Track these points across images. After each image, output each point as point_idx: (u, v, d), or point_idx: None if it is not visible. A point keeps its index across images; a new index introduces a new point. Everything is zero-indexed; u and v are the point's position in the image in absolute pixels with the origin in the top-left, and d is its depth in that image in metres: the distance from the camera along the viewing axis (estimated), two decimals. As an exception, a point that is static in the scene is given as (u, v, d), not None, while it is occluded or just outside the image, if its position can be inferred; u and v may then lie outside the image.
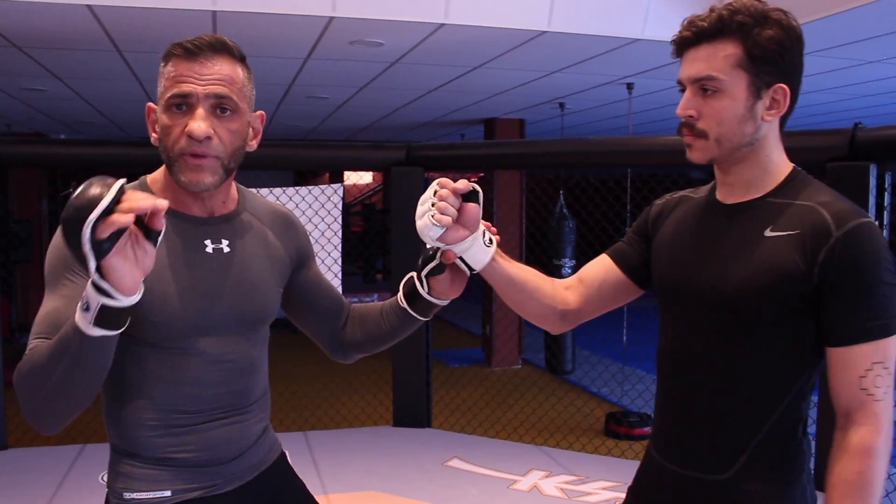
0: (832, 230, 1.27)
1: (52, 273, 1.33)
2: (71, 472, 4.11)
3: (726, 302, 1.35)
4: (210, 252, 1.42)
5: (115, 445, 1.43)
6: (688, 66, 1.38)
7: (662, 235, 1.53)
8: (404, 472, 4.03)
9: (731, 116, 1.34)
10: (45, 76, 5.57)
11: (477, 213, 1.46)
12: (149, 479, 1.39)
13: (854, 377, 1.27)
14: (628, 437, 5.12)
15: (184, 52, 1.33)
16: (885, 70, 5.26)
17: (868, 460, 1.26)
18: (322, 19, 4.03)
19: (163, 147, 1.36)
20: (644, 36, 4.32)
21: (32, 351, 1.25)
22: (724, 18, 1.32)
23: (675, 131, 1.43)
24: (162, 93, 1.36)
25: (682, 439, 1.44)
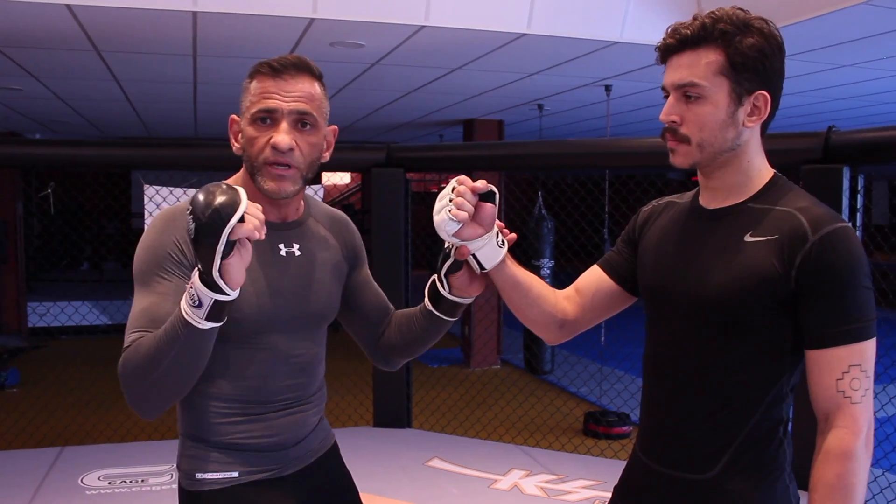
0: (809, 235, 1.30)
1: (143, 272, 1.43)
2: (50, 475, 4.07)
3: (707, 306, 1.38)
4: (283, 255, 1.55)
5: (188, 431, 1.54)
6: (671, 72, 1.40)
7: (647, 241, 1.56)
8: (385, 472, 4.04)
9: (713, 122, 1.37)
10: (22, 75, 5.51)
11: (493, 212, 1.50)
12: (219, 462, 1.51)
13: (831, 380, 1.30)
14: (607, 436, 5.16)
15: (270, 70, 1.46)
16: (859, 74, 5.35)
17: (847, 463, 1.28)
18: (303, 20, 4.03)
19: (247, 156, 1.49)
20: (622, 39, 4.36)
21: (136, 344, 1.36)
22: (707, 26, 1.35)
23: (659, 135, 1.45)
24: (248, 107, 1.48)
25: (666, 440, 1.47)
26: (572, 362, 7.05)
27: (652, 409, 1.52)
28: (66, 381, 6.35)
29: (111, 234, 12.56)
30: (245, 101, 1.49)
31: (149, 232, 1.47)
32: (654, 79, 5.48)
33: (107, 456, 4.39)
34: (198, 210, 1.24)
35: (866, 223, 3.65)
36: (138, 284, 1.44)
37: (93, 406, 5.77)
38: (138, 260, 1.45)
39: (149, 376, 1.34)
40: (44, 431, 4.92)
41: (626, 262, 1.62)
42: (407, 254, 4.85)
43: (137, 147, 5.40)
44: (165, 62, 5.07)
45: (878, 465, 3.92)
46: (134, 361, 1.34)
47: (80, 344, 8.70)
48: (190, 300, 1.29)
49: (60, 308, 7.71)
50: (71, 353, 8.13)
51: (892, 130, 3.48)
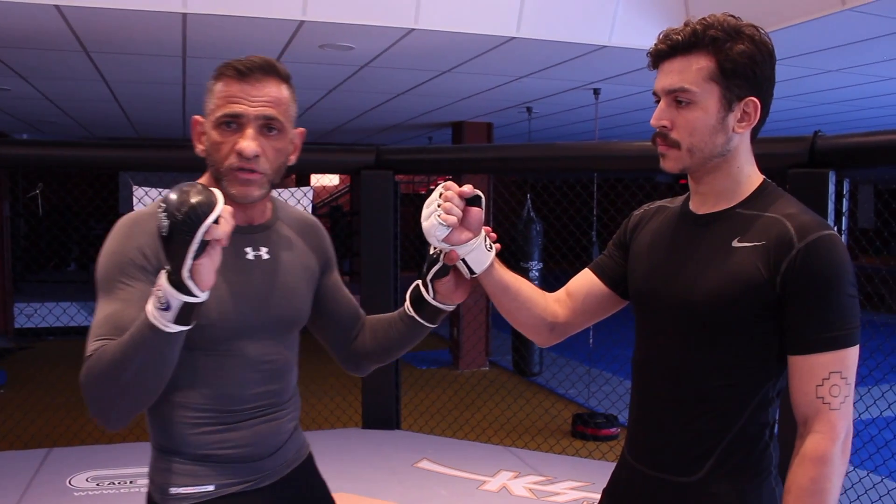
0: (794, 242, 1.32)
1: (106, 279, 1.39)
2: (37, 476, 4.06)
3: (694, 311, 1.40)
4: (251, 259, 1.51)
5: (159, 444, 1.49)
6: (662, 77, 1.41)
7: (638, 245, 1.58)
8: (374, 473, 4.05)
9: (703, 128, 1.38)
10: (9, 75, 5.49)
11: (480, 216, 1.52)
12: (193, 475, 1.46)
13: (811, 385, 1.32)
14: (595, 437, 5.18)
15: (236, 73, 1.41)
16: (844, 79, 5.40)
17: (821, 467, 1.29)
18: (292, 23, 4.04)
19: (212, 161, 1.46)
20: (611, 43, 4.39)
21: (100, 352, 1.31)
22: (698, 32, 1.36)
23: (647, 139, 1.47)
24: (213, 110, 1.44)
25: (653, 443, 1.48)
26: (560, 364, 7.07)
27: (639, 411, 1.54)
28: (54, 382, 6.31)
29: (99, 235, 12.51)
30: (210, 102, 1.45)
31: (112, 238, 1.43)
32: (642, 83, 5.52)
33: (95, 457, 4.38)
34: (172, 207, 1.21)
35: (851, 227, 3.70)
36: (101, 291, 1.39)
37: (81, 407, 5.69)
38: (101, 266, 1.40)
39: (114, 384, 1.29)
40: (31, 432, 4.90)
41: (617, 265, 1.63)
42: (396, 255, 4.86)
43: (126, 148, 5.39)
44: (155, 63, 5.07)
45: (862, 467, 3.96)
46: (98, 369, 1.29)
47: (67, 345, 8.65)
48: (157, 303, 1.25)
49: (48, 309, 7.67)
50: (58, 354, 8.08)
51: (877, 135, 3.52)
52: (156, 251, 1.37)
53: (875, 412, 4.03)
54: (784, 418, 1.65)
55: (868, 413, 3.93)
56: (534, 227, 6.83)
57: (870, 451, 3.92)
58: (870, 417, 3.99)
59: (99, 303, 1.38)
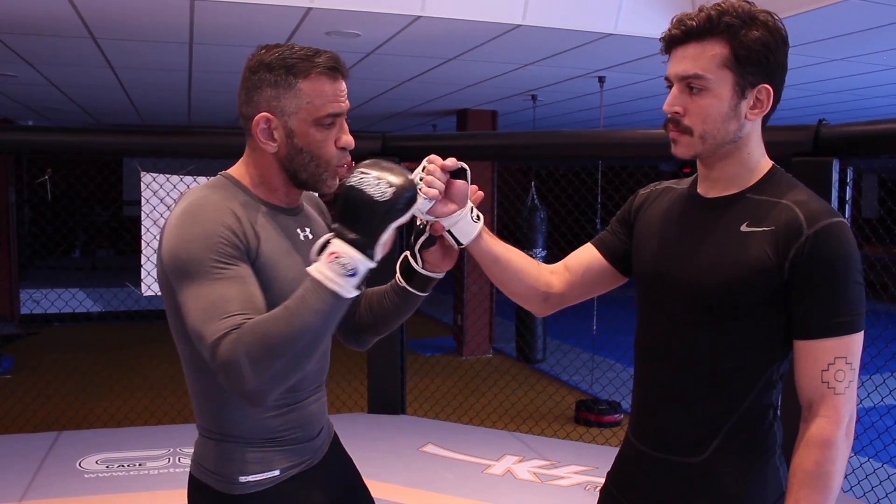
0: (804, 228, 1.33)
1: (201, 261, 1.33)
2: (48, 459, 4.11)
3: (702, 293, 1.41)
4: (303, 240, 1.54)
5: (222, 431, 1.48)
6: (675, 63, 1.41)
7: (643, 226, 1.59)
8: (380, 457, 4.10)
9: (716, 114, 1.38)
10: (17, 62, 5.51)
11: (465, 189, 1.53)
12: (261, 461, 1.48)
13: (817, 370, 1.34)
14: (598, 424, 5.23)
15: (331, 71, 1.44)
16: (849, 68, 5.41)
17: (826, 451, 1.32)
18: (300, 10, 4.05)
19: (311, 158, 1.46)
20: (616, 31, 4.40)
21: (255, 325, 1.26)
22: (713, 18, 1.35)
23: (653, 126, 1.49)
24: (308, 109, 1.43)
25: (657, 424, 1.50)
26: (564, 351, 7.12)
27: (644, 393, 1.56)
28: (63, 366, 6.38)
29: (104, 221, 12.56)
30: (296, 100, 1.43)
31: (190, 223, 1.37)
32: (648, 70, 5.52)
33: (104, 440, 4.43)
34: (401, 182, 1.30)
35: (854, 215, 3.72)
36: (196, 275, 1.33)
37: (89, 391, 5.81)
38: (189, 252, 1.34)
39: (287, 354, 1.25)
40: (40, 416, 4.96)
41: (620, 242, 1.65)
42: (402, 241, 4.88)
43: (132, 134, 5.41)
44: (162, 50, 5.09)
45: (863, 453, 4.00)
46: (267, 342, 1.24)
47: (73, 331, 8.72)
48: (342, 270, 1.26)
49: (58, 294, 7.72)
50: (64, 340, 8.16)
51: (880, 124, 3.54)
52: (242, 231, 1.39)
53: (876, 399, 4.07)
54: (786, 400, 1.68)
55: (869, 400, 3.96)
56: (538, 214, 6.86)
57: (870, 436, 3.96)
58: (871, 404, 4.02)
59: (197, 286, 1.32)
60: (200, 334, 1.29)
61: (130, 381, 6.25)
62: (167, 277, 1.40)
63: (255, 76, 1.44)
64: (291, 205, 1.56)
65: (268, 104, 1.43)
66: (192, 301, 1.32)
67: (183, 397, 5.49)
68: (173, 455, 4.16)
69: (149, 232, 4.91)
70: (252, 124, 1.45)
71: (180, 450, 4.19)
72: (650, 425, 1.52)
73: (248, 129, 1.48)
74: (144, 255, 4.93)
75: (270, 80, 1.43)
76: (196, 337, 1.31)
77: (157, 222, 4.92)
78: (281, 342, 1.24)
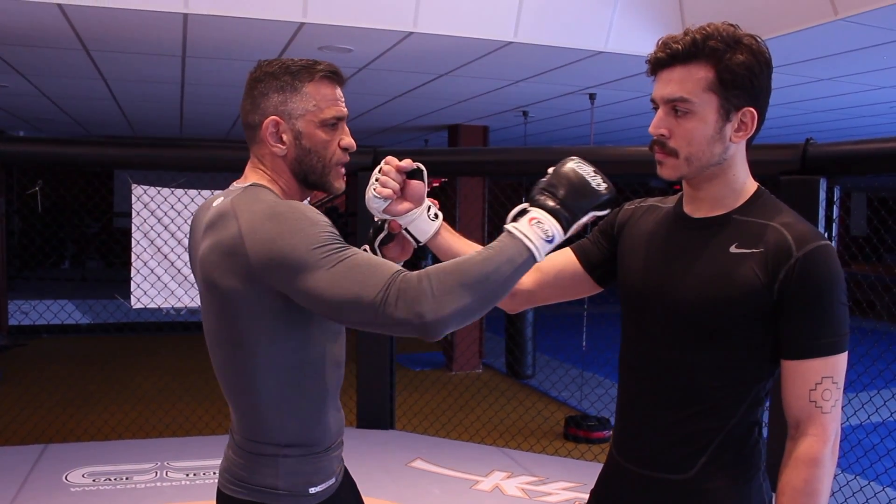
0: (793, 250, 1.35)
1: (325, 243, 1.33)
2: (34, 472, 4.09)
3: (691, 313, 1.43)
4: None
5: (291, 441, 1.45)
6: (661, 86, 1.42)
7: (629, 242, 1.60)
8: (368, 472, 4.09)
9: (701, 137, 1.40)
10: (8, 72, 5.51)
11: (421, 189, 1.57)
12: (325, 470, 1.50)
13: (805, 390, 1.36)
14: (587, 440, 5.23)
15: (336, 78, 1.52)
16: (835, 87, 5.47)
17: (814, 469, 1.34)
18: (292, 24, 4.08)
19: (317, 157, 1.51)
20: (607, 49, 4.44)
21: (445, 265, 1.32)
22: (698, 42, 1.37)
23: (642, 144, 1.51)
24: (313, 111, 1.49)
25: (645, 442, 1.51)
26: (554, 366, 7.12)
27: (629, 409, 1.56)
28: (51, 378, 6.34)
29: (94, 233, 12.51)
30: (302, 103, 1.48)
31: (293, 219, 1.36)
32: (638, 88, 5.57)
33: (91, 453, 4.41)
34: (610, 185, 1.44)
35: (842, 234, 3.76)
36: (322, 259, 1.31)
37: (76, 404, 5.77)
38: (307, 241, 1.33)
39: (477, 292, 1.30)
40: (27, 429, 4.92)
41: (599, 251, 1.67)
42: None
43: (124, 146, 5.41)
44: (154, 62, 5.10)
45: (850, 470, 4.02)
46: (461, 276, 1.29)
47: (61, 342, 8.67)
48: (543, 234, 1.36)
49: (47, 305, 7.68)
50: (52, 352, 8.11)
51: (867, 143, 3.58)
52: None
53: (862, 416, 4.09)
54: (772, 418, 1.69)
55: (856, 417, 3.99)
56: (528, 230, 6.85)
57: (857, 454, 3.98)
58: (857, 422, 4.05)
59: (327, 268, 1.31)
60: (358, 294, 1.28)
61: (118, 394, 6.21)
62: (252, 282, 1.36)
63: (261, 85, 1.49)
64: None
65: (275, 109, 1.48)
66: (329, 279, 1.30)
67: (171, 411, 5.47)
68: (160, 469, 4.13)
69: (139, 244, 4.90)
70: (262, 128, 1.48)
71: (167, 463, 4.17)
72: (635, 442, 1.53)
73: (255, 137, 1.51)
74: (134, 267, 4.92)
75: (277, 85, 1.48)
76: (351, 300, 1.29)
77: (148, 234, 4.92)
78: (476, 278, 1.30)
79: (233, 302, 1.39)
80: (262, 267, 1.34)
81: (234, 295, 1.38)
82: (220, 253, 1.38)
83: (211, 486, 3.89)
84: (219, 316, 1.43)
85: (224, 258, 1.37)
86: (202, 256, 1.43)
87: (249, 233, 1.35)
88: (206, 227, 1.44)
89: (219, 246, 1.39)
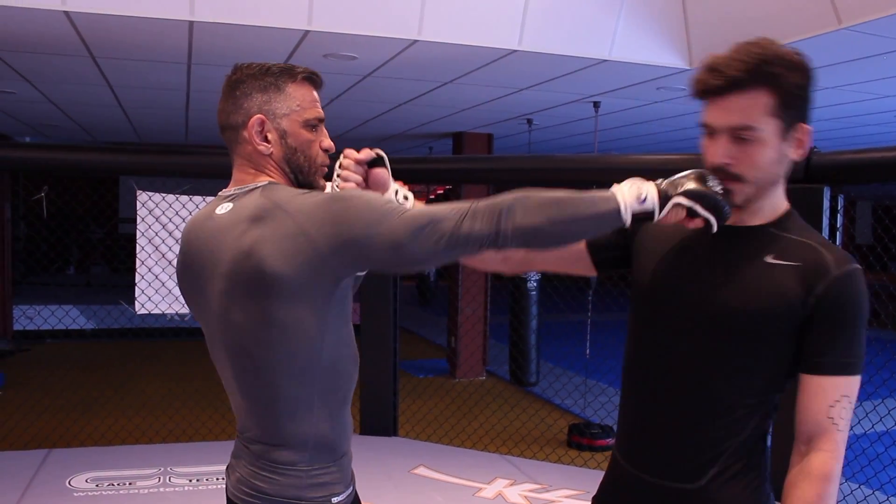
0: (831, 269, 1.37)
1: (389, 203, 1.38)
2: (37, 477, 4.09)
3: (721, 320, 1.42)
4: None
5: (316, 447, 1.44)
6: (721, 114, 1.39)
7: (647, 242, 1.57)
8: (371, 479, 4.08)
9: (767, 161, 1.40)
10: (15, 79, 5.54)
11: (384, 176, 1.58)
12: (344, 480, 1.49)
13: (824, 405, 1.37)
14: (590, 448, 5.22)
15: (315, 78, 1.54)
16: (839, 96, 5.47)
17: (826, 485, 1.36)
18: (297, 32, 4.10)
19: (303, 157, 1.52)
20: (611, 57, 4.45)
21: (534, 191, 1.35)
22: (755, 67, 1.35)
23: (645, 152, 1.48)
24: (296, 111, 1.50)
25: (655, 449, 1.50)
26: (557, 374, 7.11)
27: (637, 415, 1.54)
28: (55, 384, 6.36)
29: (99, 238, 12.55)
30: (286, 102, 1.49)
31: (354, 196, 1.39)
32: (641, 97, 5.58)
33: (94, 459, 4.41)
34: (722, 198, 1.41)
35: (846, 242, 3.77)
36: (394, 207, 1.36)
37: (80, 409, 5.78)
38: (372, 200, 1.37)
39: (554, 221, 1.33)
40: (31, 434, 4.93)
41: (606, 238, 1.63)
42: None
43: (129, 153, 5.43)
44: (160, 69, 5.12)
45: (854, 479, 4.01)
46: (545, 201, 1.34)
47: (65, 348, 8.69)
48: (638, 194, 1.36)
49: (51, 311, 7.70)
50: (57, 357, 8.13)
51: (871, 152, 3.58)
52: None
53: (867, 425, 4.08)
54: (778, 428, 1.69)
55: (860, 426, 3.97)
56: (532, 237, 6.86)
57: (861, 463, 3.97)
58: (862, 431, 4.03)
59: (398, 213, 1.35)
60: (434, 216, 1.33)
61: (122, 399, 6.22)
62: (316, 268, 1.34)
63: (243, 86, 1.49)
64: None
65: (259, 108, 1.48)
66: (402, 220, 1.33)
67: (174, 416, 5.48)
68: (164, 474, 4.14)
69: (143, 250, 4.91)
70: (247, 127, 1.48)
71: (171, 469, 4.17)
72: (644, 449, 1.52)
73: (237, 138, 1.49)
74: (139, 272, 4.93)
75: (259, 86, 1.48)
76: (423, 227, 1.31)
77: (153, 240, 4.93)
78: (558, 207, 1.33)
79: (281, 295, 1.34)
80: (332, 246, 1.33)
81: (287, 284, 1.34)
82: (276, 243, 1.34)
83: (214, 491, 3.91)
84: (254, 316, 1.37)
85: (284, 245, 1.34)
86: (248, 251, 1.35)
87: (309, 219, 1.34)
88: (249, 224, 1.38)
89: (274, 236, 1.34)
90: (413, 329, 10.32)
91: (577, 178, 4.93)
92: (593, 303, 5.81)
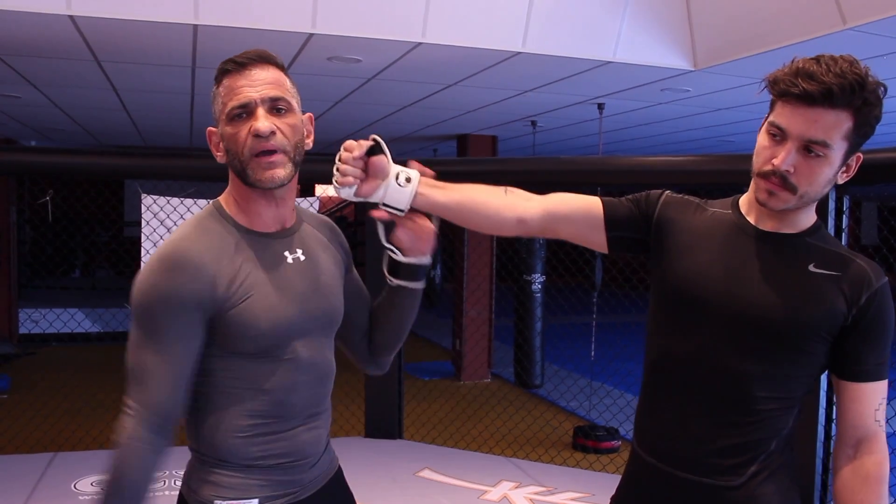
0: (873, 281, 1.43)
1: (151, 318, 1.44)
2: (42, 480, 4.10)
3: (772, 326, 1.43)
4: (290, 262, 1.51)
5: (203, 452, 1.48)
6: (803, 124, 1.36)
7: (680, 239, 1.54)
8: (376, 482, 4.08)
9: (824, 179, 1.40)
10: (20, 83, 5.56)
11: (382, 162, 1.52)
12: (238, 487, 1.45)
13: (870, 410, 1.45)
14: (596, 450, 5.20)
15: (235, 66, 1.44)
16: (846, 96, 5.45)
17: (884, 486, 1.43)
18: (302, 35, 4.10)
19: (232, 156, 1.45)
20: (615, 59, 4.45)
21: None
22: (852, 89, 1.33)
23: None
24: (221, 109, 1.45)
25: (686, 445, 1.49)
26: (562, 376, 7.10)
27: (665, 411, 1.53)
28: (60, 387, 6.36)
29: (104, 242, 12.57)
30: (217, 105, 1.46)
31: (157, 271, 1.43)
32: (646, 98, 5.57)
33: (99, 462, 4.38)
34: None
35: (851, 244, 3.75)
36: (142, 326, 1.47)
37: (85, 412, 5.78)
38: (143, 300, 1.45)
39: None
40: (36, 437, 4.94)
41: (626, 215, 1.59)
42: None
43: (134, 156, 5.44)
44: (165, 73, 5.13)
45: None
46: None
47: (71, 351, 8.70)
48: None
49: (56, 314, 7.72)
50: (62, 360, 8.14)
51: (876, 153, 3.56)
52: (205, 279, 1.43)
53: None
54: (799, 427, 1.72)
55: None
56: (536, 240, 6.87)
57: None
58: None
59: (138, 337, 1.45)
60: (127, 385, 1.44)
61: (127, 403, 6.21)
62: None
63: None
64: (280, 225, 1.53)
65: (213, 119, 1.49)
66: (133, 347, 1.43)
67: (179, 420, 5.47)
68: (169, 478, 4.13)
69: (148, 253, 4.92)
70: None
71: (176, 472, 4.16)
72: (674, 444, 1.51)
73: None
74: (144, 276, 4.93)
75: (212, 96, 1.50)
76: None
77: (157, 244, 4.94)
78: None
79: None
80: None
81: None
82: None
83: (219, 495, 3.90)
84: None
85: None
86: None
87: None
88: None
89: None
90: (418, 332, 10.32)
91: (581, 179, 4.93)
92: (598, 305, 5.81)
